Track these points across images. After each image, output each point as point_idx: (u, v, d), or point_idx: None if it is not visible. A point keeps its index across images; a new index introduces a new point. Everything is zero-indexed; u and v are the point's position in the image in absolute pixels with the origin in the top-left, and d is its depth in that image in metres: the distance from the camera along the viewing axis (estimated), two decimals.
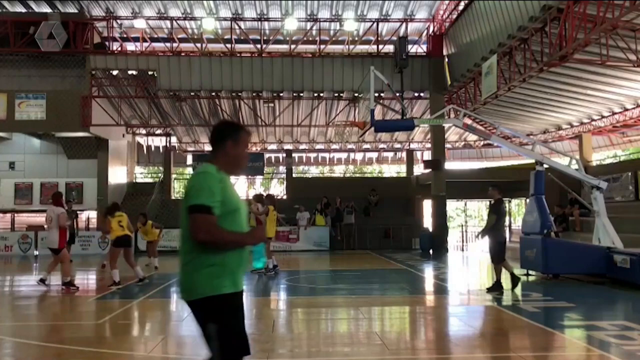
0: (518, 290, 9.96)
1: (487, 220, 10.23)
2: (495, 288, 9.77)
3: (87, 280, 14.22)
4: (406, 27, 21.47)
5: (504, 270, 10.02)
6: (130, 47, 22.65)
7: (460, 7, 19.35)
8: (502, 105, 21.00)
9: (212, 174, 3.02)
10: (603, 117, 20.73)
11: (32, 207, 22.91)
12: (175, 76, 20.95)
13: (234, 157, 3.16)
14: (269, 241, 12.86)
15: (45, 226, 10.75)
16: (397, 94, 18.26)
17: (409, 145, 28.55)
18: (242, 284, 3.08)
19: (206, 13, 20.96)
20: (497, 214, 9.94)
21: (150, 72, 21.37)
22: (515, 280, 10.01)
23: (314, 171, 36.50)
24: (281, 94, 22.37)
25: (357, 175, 35.57)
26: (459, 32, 19.71)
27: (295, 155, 29.43)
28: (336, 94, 22.32)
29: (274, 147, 28.59)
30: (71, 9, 20.74)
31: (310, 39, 21.94)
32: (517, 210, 26.92)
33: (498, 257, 9.97)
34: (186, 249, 3.01)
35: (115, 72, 21.83)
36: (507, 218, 20.44)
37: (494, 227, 9.94)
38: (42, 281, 10.71)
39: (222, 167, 3.10)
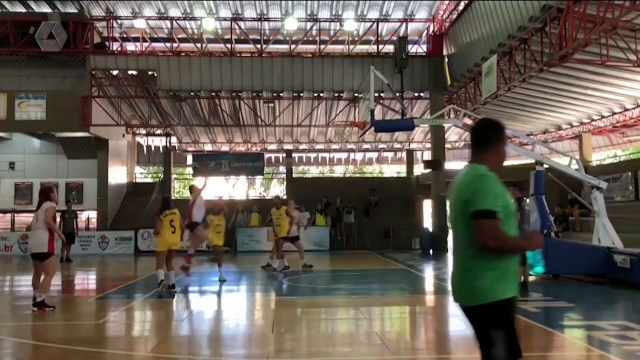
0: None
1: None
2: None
3: (87, 280, 14.23)
4: (406, 27, 21.47)
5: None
6: (130, 47, 22.64)
7: (460, 7, 19.35)
8: (502, 105, 21.00)
9: (492, 177, 2.99)
10: (603, 117, 20.73)
11: (32, 207, 22.77)
12: (175, 76, 20.95)
13: (501, 156, 3.15)
14: (282, 242, 12.93)
15: (32, 227, 8.46)
16: (397, 94, 18.26)
17: (409, 145, 28.55)
18: (517, 288, 3.06)
19: (206, 13, 20.96)
20: (519, 211, 9.60)
21: (150, 72, 21.37)
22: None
23: (314, 171, 36.50)
24: (281, 94, 22.37)
25: (357, 175, 35.56)
26: (459, 32, 19.71)
27: (295, 155, 29.42)
28: (336, 94, 22.32)
29: (274, 147, 28.60)
30: (71, 9, 20.73)
31: (310, 39, 21.93)
32: None
33: (522, 258, 9.74)
34: (469, 254, 2.97)
35: (115, 72, 21.84)
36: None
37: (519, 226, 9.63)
38: (41, 305, 8.17)
39: (492, 168, 3.07)
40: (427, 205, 23.55)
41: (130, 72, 21.65)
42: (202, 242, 11.96)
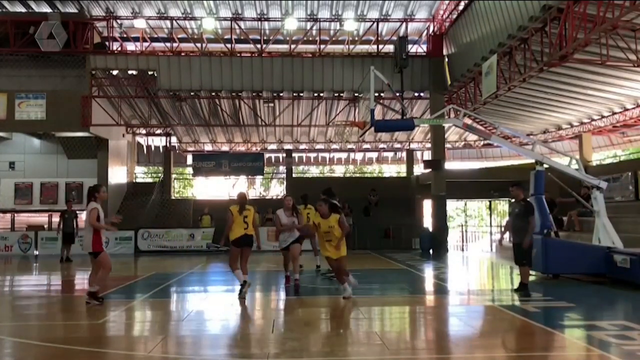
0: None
1: (528, 223, 9.51)
2: (522, 288, 9.47)
3: (87, 280, 14.21)
4: (406, 27, 21.47)
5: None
6: (130, 47, 22.66)
7: (460, 7, 19.36)
8: (502, 105, 21.01)
9: None
10: (603, 117, 20.75)
11: (32, 207, 22.93)
12: (175, 76, 20.96)
13: None
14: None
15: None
16: (397, 94, 18.26)
17: (409, 145, 28.56)
18: None
19: (206, 13, 20.96)
20: (533, 213, 9.58)
21: (150, 72, 21.39)
22: (523, 289, 9.51)
23: (314, 171, 36.51)
24: (281, 94, 22.38)
25: (357, 175, 35.56)
26: (459, 32, 19.71)
27: (295, 155, 29.43)
28: (336, 94, 22.33)
29: (274, 147, 28.61)
30: (71, 9, 20.74)
31: (310, 39, 21.94)
32: None
33: (529, 258, 9.60)
34: None
35: (115, 72, 21.85)
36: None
37: (526, 228, 9.46)
38: (92, 296, 8.63)
39: None
40: (427, 205, 23.55)
41: (130, 72, 21.66)
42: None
